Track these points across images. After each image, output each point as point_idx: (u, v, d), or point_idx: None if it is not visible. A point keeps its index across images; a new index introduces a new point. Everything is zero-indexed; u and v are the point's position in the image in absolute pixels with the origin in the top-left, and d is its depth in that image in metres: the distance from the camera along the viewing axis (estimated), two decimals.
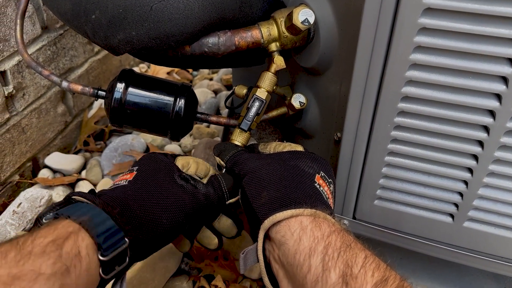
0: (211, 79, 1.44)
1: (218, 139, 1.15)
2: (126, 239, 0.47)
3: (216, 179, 0.60)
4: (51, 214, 0.47)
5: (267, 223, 0.48)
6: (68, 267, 0.41)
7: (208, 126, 1.21)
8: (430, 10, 0.48)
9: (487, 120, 0.53)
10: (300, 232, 0.45)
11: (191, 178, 0.59)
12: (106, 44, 0.63)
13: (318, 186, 0.54)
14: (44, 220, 0.47)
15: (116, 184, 0.56)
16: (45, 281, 0.38)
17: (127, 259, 0.48)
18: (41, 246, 0.40)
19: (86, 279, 0.43)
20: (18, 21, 0.75)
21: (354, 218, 0.69)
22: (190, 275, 0.82)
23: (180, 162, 0.62)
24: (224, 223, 0.64)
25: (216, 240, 0.64)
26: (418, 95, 0.54)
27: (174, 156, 0.64)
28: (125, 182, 0.56)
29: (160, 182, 0.56)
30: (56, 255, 0.40)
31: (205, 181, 0.61)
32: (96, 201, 0.49)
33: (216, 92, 1.35)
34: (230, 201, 0.60)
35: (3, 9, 0.86)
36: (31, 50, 0.97)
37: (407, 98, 0.54)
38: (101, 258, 0.44)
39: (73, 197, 0.50)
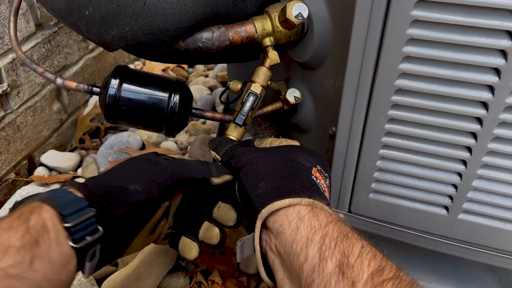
0: (206, 76, 1.44)
1: (214, 135, 1.15)
2: (91, 208, 0.49)
3: (202, 160, 0.61)
4: (20, 203, 0.49)
5: (264, 212, 0.48)
6: (37, 238, 0.42)
7: (204, 123, 1.21)
8: (422, 2, 0.48)
9: (480, 111, 0.53)
10: (297, 221, 0.46)
11: (171, 157, 0.60)
12: (100, 40, 0.63)
13: (315, 178, 0.54)
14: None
15: None
16: (15, 253, 0.40)
17: (99, 229, 0.49)
18: (8, 221, 0.42)
19: (58, 251, 0.44)
20: (12, 18, 0.75)
21: (349, 211, 0.69)
22: (187, 270, 0.82)
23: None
24: (222, 208, 0.62)
25: (217, 230, 0.61)
26: (412, 88, 0.54)
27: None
28: None
29: (133, 161, 0.58)
30: (24, 228, 0.42)
31: None
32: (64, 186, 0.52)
33: (211, 88, 1.35)
34: (215, 180, 0.58)
35: None
36: (25, 47, 0.97)
37: (400, 90, 0.55)
38: (65, 225, 0.45)
39: None
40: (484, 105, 0.53)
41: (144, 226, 0.56)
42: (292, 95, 0.73)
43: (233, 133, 0.67)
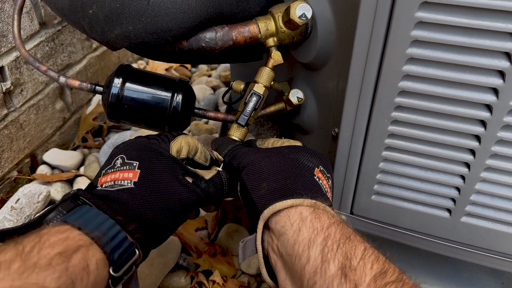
0: (209, 76, 1.44)
1: (217, 135, 1.15)
2: (137, 251, 0.47)
3: (219, 178, 0.59)
4: (58, 219, 0.45)
5: (266, 213, 0.48)
6: (74, 281, 0.39)
7: (206, 122, 1.21)
8: (427, 4, 0.48)
9: (484, 114, 0.53)
10: (299, 222, 0.45)
11: (194, 175, 0.58)
12: (103, 39, 0.63)
13: (317, 179, 0.54)
14: (47, 224, 0.45)
15: (119, 184, 0.52)
16: None
17: (134, 268, 0.48)
18: (47, 258, 0.39)
19: None
20: (16, 16, 0.75)
21: (351, 213, 0.69)
22: (188, 270, 0.82)
23: (174, 149, 0.59)
24: None
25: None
26: (415, 90, 0.54)
27: (167, 140, 0.60)
28: (129, 183, 0.52)
29: (166, 184, 0.54)
30: (62, 268, 0.39)
31: (207, 163, 0.63)
32: (106, 209, 0.47)
33: (214, 88, 1.35)
34: (228, 199, 0.60)
35: (0, 5, 0.86)
36: (29, 46, 0.97)
37: (404, 92, 0.54)
38: (113, 274, 0.44)
39: (81, 197, 0.48)
40: (488, 107, 0.52)
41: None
42: (295, 95, 0.73)
43: (236, 133, 0.67)
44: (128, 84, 0.66)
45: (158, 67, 1.41)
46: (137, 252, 0.47)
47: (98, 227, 0.44)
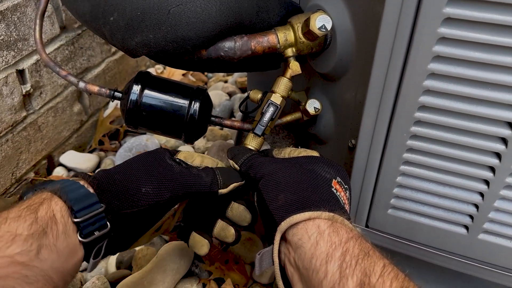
0: (225, 82, 1.45)
1: (231, 141, 1.15)
2: (101, 204, 0.50)
3: (211, 169, 0.61)
4: (30, 192, 0.49)
5: (284, 225, 0.48)
6: (45, 228, 0.43)
7: (221, 129, 1.21)
8: (450, 20, 0.47)
9: (505, 132, 0.52)
10: (317, 236, 0.45)
11: (184, 162, 0.60)
12: (124, 46, 0.63)
13: (335, 191, 0.53)
14: (24, 198, 0.49)
15: None
16: (23, 242, 0.40)
17: (108, 225, 0.50)
18: (16, 212, 0.43)
19: (66, 243, 0.45)
20: (38, 21, 0.76)
21: (366, 226, 0.69)
22: (200, 277, 0.82)
23: (182, 154, 0.63)
24: (236, 209, 0.62)
25: (232, 231, 0.62)
26: (436, 105, 0.53)
27: (177, 151, 0.64)
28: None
29: (147, 161, 0.58)
30: (32, 218, 0.42)
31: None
32: (74, 177, 0.53)
33: (230, 94, 1.36)
34: (222, 191, 0.59)
35: (23, 9, 0.87)
36: (49, 49, 0.98)
37: (424, 107, 0.54)
38: (74, 220, 0.46)
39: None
40: (510, 125, 0.51)
41: (152, 227, 0.56)
42: (312, 106, 0.72)
43: (252, 143, 0.67)
44: (146, 91, 0.67)
45: (175, 71, 1.41)
46: (101, 205, 0.50)
47: (58, 184, 0.49)
